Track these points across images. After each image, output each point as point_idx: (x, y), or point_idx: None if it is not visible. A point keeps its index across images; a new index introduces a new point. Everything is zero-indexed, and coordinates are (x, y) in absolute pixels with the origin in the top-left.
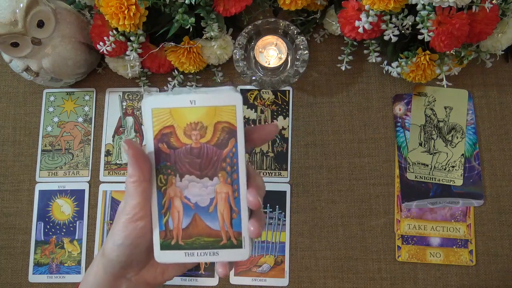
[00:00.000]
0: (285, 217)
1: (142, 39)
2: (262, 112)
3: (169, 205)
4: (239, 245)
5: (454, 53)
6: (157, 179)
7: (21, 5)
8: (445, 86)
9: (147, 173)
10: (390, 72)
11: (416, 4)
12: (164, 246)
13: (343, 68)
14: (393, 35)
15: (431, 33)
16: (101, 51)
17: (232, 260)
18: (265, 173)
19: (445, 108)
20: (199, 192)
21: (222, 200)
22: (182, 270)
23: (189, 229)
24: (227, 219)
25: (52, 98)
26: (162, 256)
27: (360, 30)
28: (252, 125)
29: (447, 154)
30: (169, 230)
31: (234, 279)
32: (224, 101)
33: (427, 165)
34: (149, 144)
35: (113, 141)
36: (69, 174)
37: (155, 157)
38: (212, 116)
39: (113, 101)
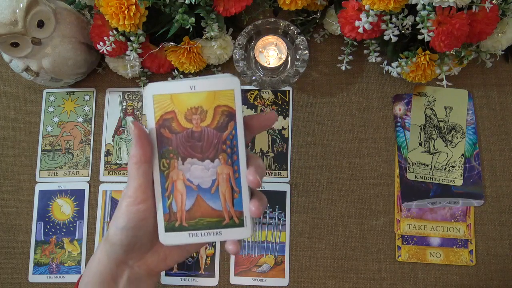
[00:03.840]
0: (285, 217)
1: (142, 39)
2: (262, 112)
3: (172, 188)
4: (241, 224)
5: (454, 53)
6: (160, 163)
7: (21, 5)
8: (445, 86)
9: (148, 154)
10: (390, 72)
11: (416, 4)
12: (169, 228)
13: (343, 68)
14: (393, 35)
15: (431, 33)
16: (101, 51)
17: (234, 238)
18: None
19: (445, 108)
20: (201, 174)
21: (224, 181)
22: (184, 256)
23: (192, 210)
24: (229, 199)
25: (52, 98)
26: (166, 238)
27: (360, 30)
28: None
29: (447, 154)
30: (173, 213)
31: (234, 279)
32: (223, 85)
33: (427, 165)
34: (151, 130)
35: (113, 141)
36: (69, 174)
37: (157, 142)
38: (212, 101)
39: (113, 101)
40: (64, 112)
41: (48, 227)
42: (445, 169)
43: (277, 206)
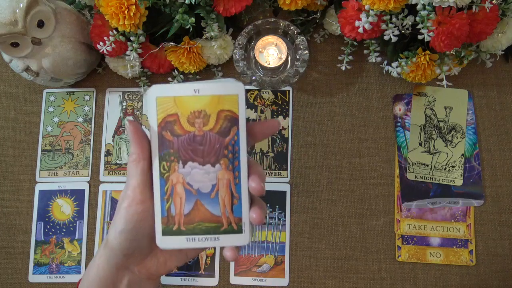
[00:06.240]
0: (285, 217)
1: (142, 39)
2: (262, 112)
3: (171, 191)
4: (239, 231)
5: (454, 53)
6: (160, 166)
7: (21, 5)
8: (445, 86)
9: (146, 150)
10: (390, 72)
11: (416, 4)
12: (166, 232)
13: (343, 68)
14: (393, 35)
15: (431, 33)
16: (101, 51)
17: (232, 245)
18: (265, 173)
19: (445, 108)
20: (201, 179)
21: (224, 186)
22: (184, 260)
23: (191, 214)
24: (228, 205)
25: (52, 98)
26: (163, 242)
27: (360, 30)
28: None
29: (447, 154)
30: (171, 216)
31: (234, 279)
32: (227, 90)
33: (427, 165)
34: (153, 132)
35: (113, 141)
36: (69, 174)
37: (158, 144)
38: (216, 105)
39: (113, 101)
40: (64, 112)
41: (48, 227)
42: (445, 169)
43: (277, 206)
